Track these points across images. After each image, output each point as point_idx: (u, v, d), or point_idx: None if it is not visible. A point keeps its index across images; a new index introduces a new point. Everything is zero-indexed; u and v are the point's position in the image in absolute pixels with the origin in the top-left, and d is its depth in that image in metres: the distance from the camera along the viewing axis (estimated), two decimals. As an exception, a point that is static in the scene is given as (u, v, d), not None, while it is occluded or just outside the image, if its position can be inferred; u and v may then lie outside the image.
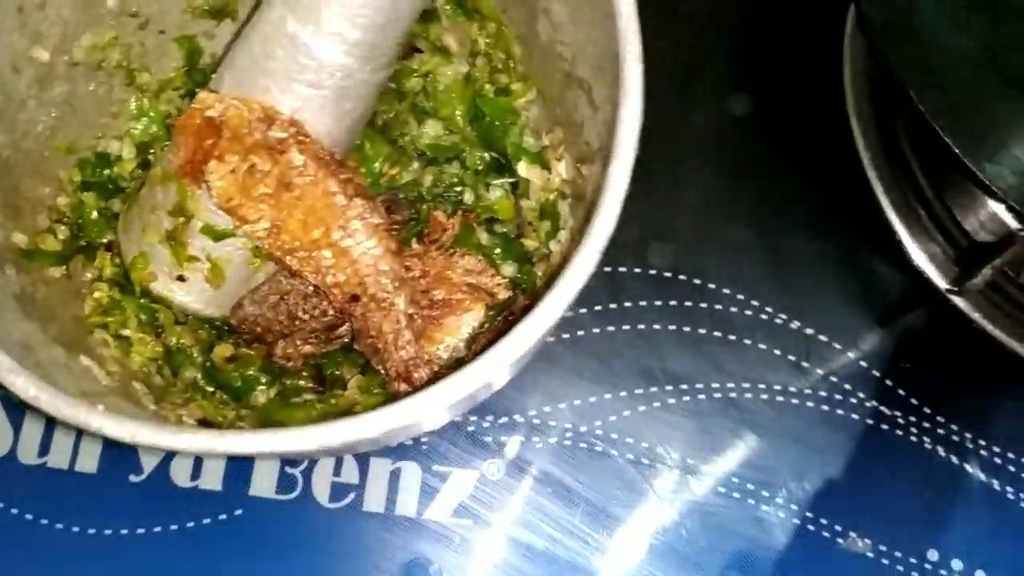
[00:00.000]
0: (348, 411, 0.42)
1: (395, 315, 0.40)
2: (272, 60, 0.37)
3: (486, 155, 0.46)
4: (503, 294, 0.43)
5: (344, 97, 0.38)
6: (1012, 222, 0.56)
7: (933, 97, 0.49)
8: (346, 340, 0.44)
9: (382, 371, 0.41)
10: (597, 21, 0.37)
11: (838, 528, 0.54)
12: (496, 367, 0.30)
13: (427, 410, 0.30)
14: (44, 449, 0.54)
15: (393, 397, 0.41)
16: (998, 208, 0.57)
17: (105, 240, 0.45)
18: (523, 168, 0.44)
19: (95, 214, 0.44)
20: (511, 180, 0.45)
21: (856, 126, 0.58)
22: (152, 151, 0.46)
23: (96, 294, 0.43)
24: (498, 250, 0.45)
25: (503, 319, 0.43)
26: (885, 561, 0.53)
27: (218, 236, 0.41)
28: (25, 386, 0.30)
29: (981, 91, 0.50)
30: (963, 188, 0.57)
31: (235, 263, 0.42)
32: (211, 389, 0.43)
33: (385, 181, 0.47)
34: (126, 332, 0.43)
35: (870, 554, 0.53)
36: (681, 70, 0.60)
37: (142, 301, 0.43)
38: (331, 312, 0.43)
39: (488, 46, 0.46)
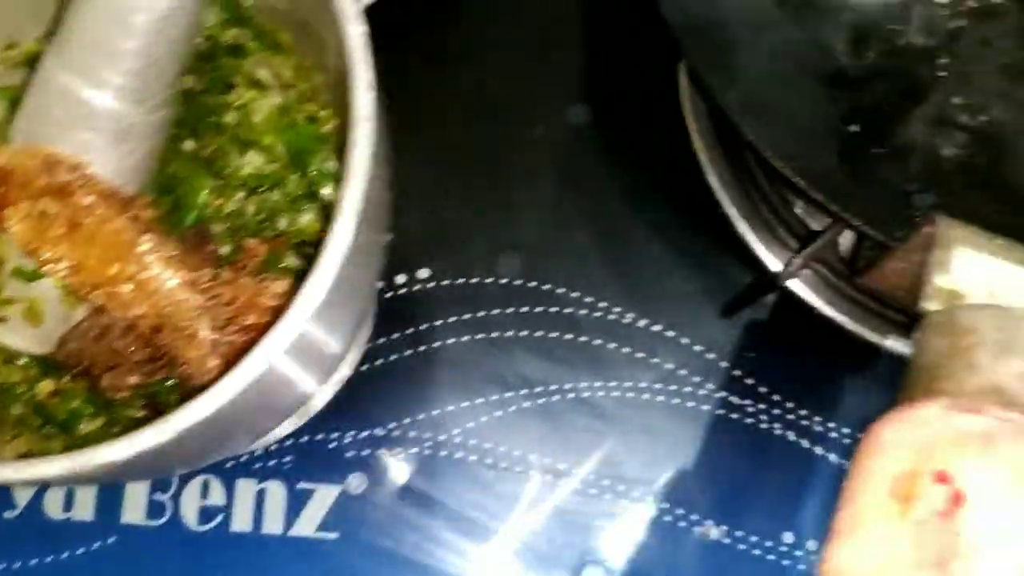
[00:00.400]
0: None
1: (198, 342, 0.42)
2: (52, 109, 0.40)
3: (301, 181, 0.48)
4: (309, 315, 0.45)
5: (123, 139, 0.40)
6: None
7: (734, 96, 0.51)
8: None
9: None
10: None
11: (694, 517, 0.55)
12: (241, 380, 0.32)
13: (170, 431, 0.32)
14: (-78, 493, 0.56)
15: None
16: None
17: (-67, 289, 0.46)
18: (328, 191, 0.46)
19: (-76, 264, 0.46)
20: (320, 204, 0.47)
21: (693, 127, 0.60)
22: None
23: (-77, 341, 0.45)
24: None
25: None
26: (742, 547, 0.55)
27: (29, 278, 0.42)
28: None
29: (779, 87, 0.52)
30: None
31: (51, 301, 0.43)
32: (39, 423, 0.45)
33: (211, 212, 0.49)
34: (-49, 374, 0.45)
35: (726, 540, 0.55)
36: (520, 85, 0.62)
37: (-31, 344, 0.45)
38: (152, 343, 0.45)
39: (294, 77, 0.48)
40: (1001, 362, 0.33)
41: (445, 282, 0.59)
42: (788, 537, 0.55)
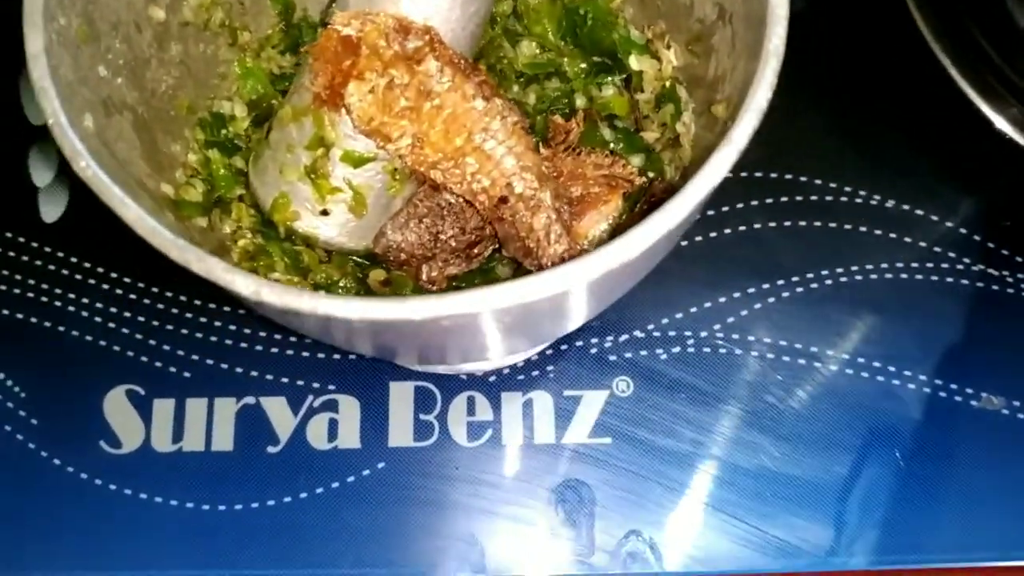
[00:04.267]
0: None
1: (545, 210, 0.41)
2: (401, -30, 0.38)
3: (584, 64, 0.47)
4: (638, 180, 0.44)
5: (469, 1, 0.39)
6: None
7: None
8: (484, 257, 0.45)
9: (537, 271, 0.42)
10: None
11: (969, 391, 0.54)
12: (670, 221, 0.31)
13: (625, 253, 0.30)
14: (177, 436, 0.54)
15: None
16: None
17: (237, 194, 0.45)
18: (634, 61, 0.45)
19: (222, 170, 0.45)
20: (622, 76, 0.46)
21: (914, 6, 0.59)
22: (265, 107, 0.46)
23: (241, 242, 0.44)
24: (621, 145, 0.45)
25: (641, 206, 0.44)
26: (1022, 415, 0.54)
27: (358, 162, 0.41)
28: (241, 280, 0.30)
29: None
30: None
31: (376, 189, 0.42)
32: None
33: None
34: (275, 275, 0.43)
35: (1005, 411, 0.54)
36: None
37: (285, 244, 0.44)
38: (468, 230, 0.44)
39: (577, -44, 0.47)
40: None
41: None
42: (1067, 402, 0.54)
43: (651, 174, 0.45)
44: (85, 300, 0.56)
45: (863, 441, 0.54)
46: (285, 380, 0.55)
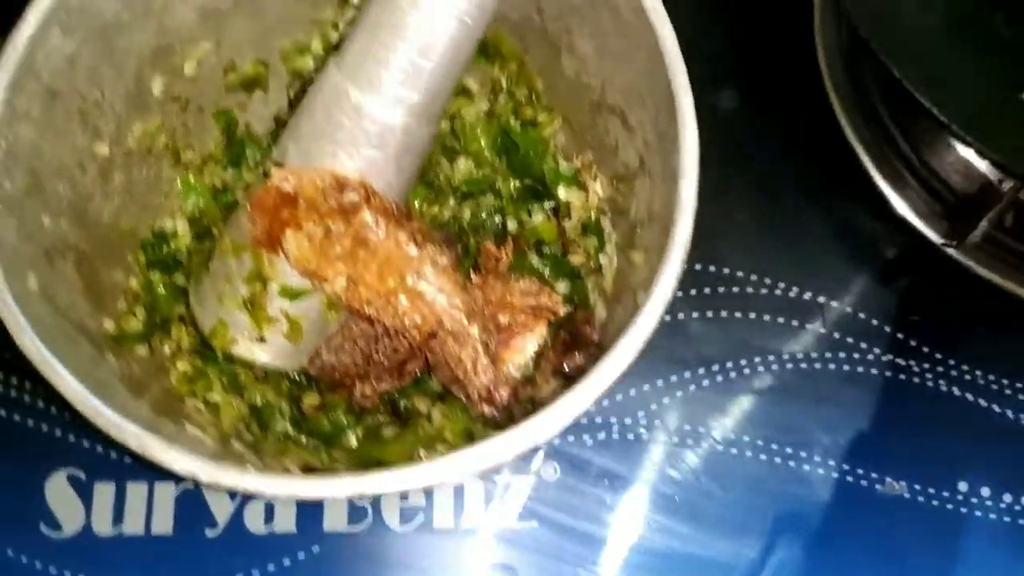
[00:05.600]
0: (438, 437, 0.45)
1: (471, 344, 0.43)
2: (338, 129, 0.40)
3: (517, 183, 0.49)
4: (562, 310, 0.46)
5: (405, 153, 0.41)
6: (989, 173, 0.60)
7: (914, 71, 0.53)
8: (416, 373, 0.47)
9: (463, 397, 0.44)
10: (625, 54, 0.40)
11: (874, 475, 0.58)
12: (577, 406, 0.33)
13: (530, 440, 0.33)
14: (118, 519, 0.55)
15: (478, 419, 0.44)
16: (975, 161, 0.61)
17: (177, 314, 0.47)
18: (563, 191, 0.47)
19: (162, 290, 0.46)
20: (551, 204, 0.48)
21: (836, 102, 0.62)
22: (207, 222, 0.48)
23: (180, 365, 0.45)
24: (548, 270, 0.48)
25: (566, 333, 0.46)
26: (921, 499, 0.58)
27: (295, 295, 0.43)
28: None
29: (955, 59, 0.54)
30: (940, 149, 0.61)
31: (311, 318, 0.44)
32: (302, 437, 0.46)
33: (427, 220, 0.50)
34: (213, 397, 0.45)
35: (907, 495, 0.58)
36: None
37: (223, 365, 0.45)
38: (401, 349, 0.46)
39: (510, 84, 0.49)
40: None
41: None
42: (963, 486, 0.58)
43: (576, 299, 0.47)
44: (28, 384, 0.57)
45: (771, 525, 0.57)
46: (225, 465, 0.56)
